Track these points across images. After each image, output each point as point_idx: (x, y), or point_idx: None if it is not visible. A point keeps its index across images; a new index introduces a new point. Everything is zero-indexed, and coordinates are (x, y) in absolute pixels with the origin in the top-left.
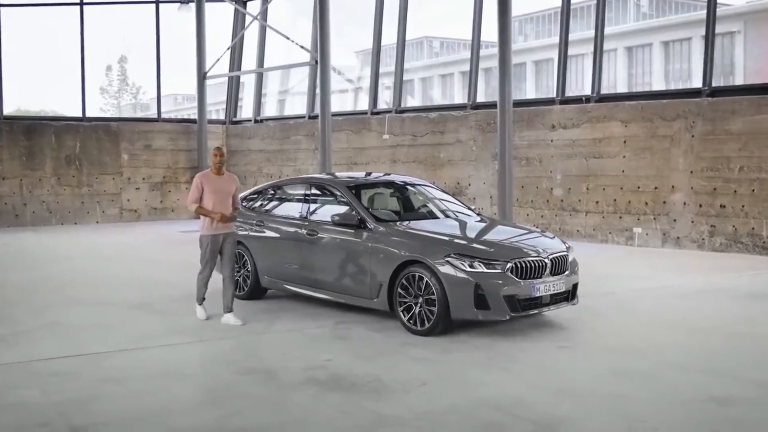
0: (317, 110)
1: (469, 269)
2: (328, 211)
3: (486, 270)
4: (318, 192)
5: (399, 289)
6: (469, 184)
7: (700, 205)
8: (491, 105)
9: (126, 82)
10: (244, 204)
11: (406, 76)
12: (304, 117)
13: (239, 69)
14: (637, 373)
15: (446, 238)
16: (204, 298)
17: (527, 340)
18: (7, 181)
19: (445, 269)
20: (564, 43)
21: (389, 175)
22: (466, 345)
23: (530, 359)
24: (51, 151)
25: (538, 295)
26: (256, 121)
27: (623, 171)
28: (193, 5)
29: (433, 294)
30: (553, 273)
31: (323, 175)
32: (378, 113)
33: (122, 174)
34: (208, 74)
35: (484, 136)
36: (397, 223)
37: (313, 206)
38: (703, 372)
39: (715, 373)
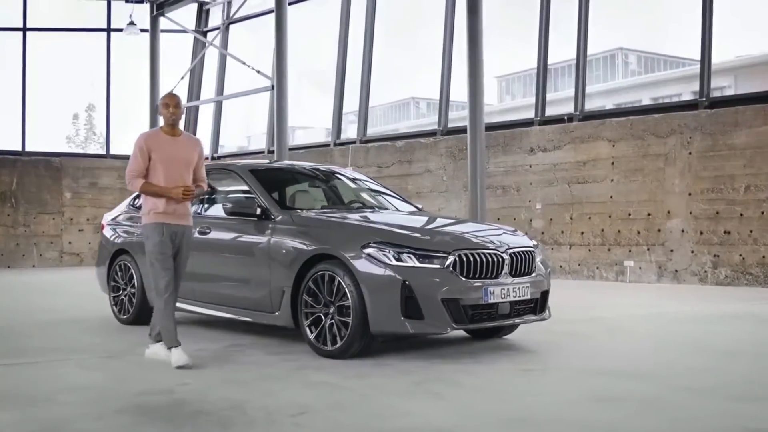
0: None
1: (394, 263)
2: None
3: (419, 264)
4: (221, 183)
5: (305, 296)
6: None
7: (701, 233)
8: (464, 130)
9: (93, 131)
10: (131, 204)
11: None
12: (263, 152)
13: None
14: (634, 398)
15: (366, 224)
16: (176, 334)
17: (478, 362)
18: None
19: (363, 264)
20: (544, 49)
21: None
22: (391, 369)
23: (477, 384)
24: None
25: (492, 301)
26: (213, 158)
27: (611, 197)
28: (137, 28)
29: (349, 300)
30: (514, 273)
31: (229, 161)
32: (342, 144)
33: (64, 214)
34: None
35: (456, 165)
36: (306, 210)
37: (211, 200)
38: (731, 398)
39: (747, 399)
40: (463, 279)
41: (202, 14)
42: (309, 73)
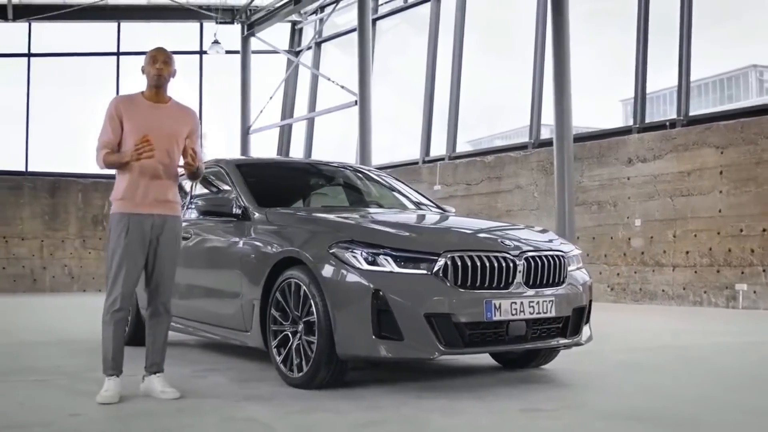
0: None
1: (365, 267)
2: None
3: (397, 269)
4: (211, 180)
5: (273, 311)
6: None
7: None
8: None
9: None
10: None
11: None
12: None
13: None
14: None
15: (339, 220)
16: (116, 363)
17: (477, 398)
18: (26, 242)
19: (328, 269)
20: (642, 54)
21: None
22: (355, 404)
23: (448, 428)
24: (76, 211)
25: (498, 318)
26: None
27: (720, 210)
28: (222, 47)
29: (314, 314)
30: (532, 284)
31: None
32: (430, 161)
33: None
34: (252, 128)
35: (548, 179)
36: (286, 209)
37: (201, 200)
38: None
39: None
40: (458, 289)
41: (295, 33)
42: (408, 90)
